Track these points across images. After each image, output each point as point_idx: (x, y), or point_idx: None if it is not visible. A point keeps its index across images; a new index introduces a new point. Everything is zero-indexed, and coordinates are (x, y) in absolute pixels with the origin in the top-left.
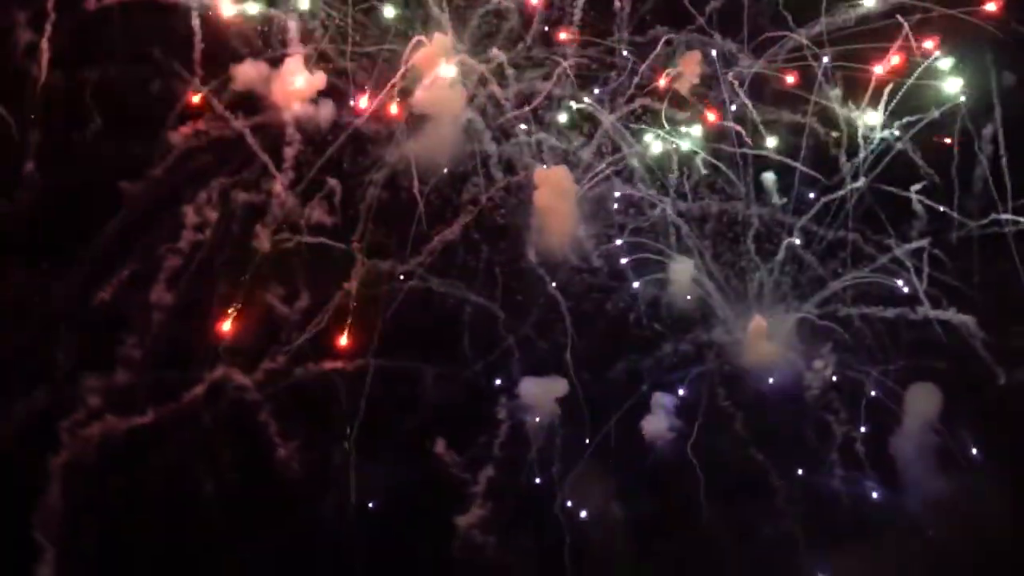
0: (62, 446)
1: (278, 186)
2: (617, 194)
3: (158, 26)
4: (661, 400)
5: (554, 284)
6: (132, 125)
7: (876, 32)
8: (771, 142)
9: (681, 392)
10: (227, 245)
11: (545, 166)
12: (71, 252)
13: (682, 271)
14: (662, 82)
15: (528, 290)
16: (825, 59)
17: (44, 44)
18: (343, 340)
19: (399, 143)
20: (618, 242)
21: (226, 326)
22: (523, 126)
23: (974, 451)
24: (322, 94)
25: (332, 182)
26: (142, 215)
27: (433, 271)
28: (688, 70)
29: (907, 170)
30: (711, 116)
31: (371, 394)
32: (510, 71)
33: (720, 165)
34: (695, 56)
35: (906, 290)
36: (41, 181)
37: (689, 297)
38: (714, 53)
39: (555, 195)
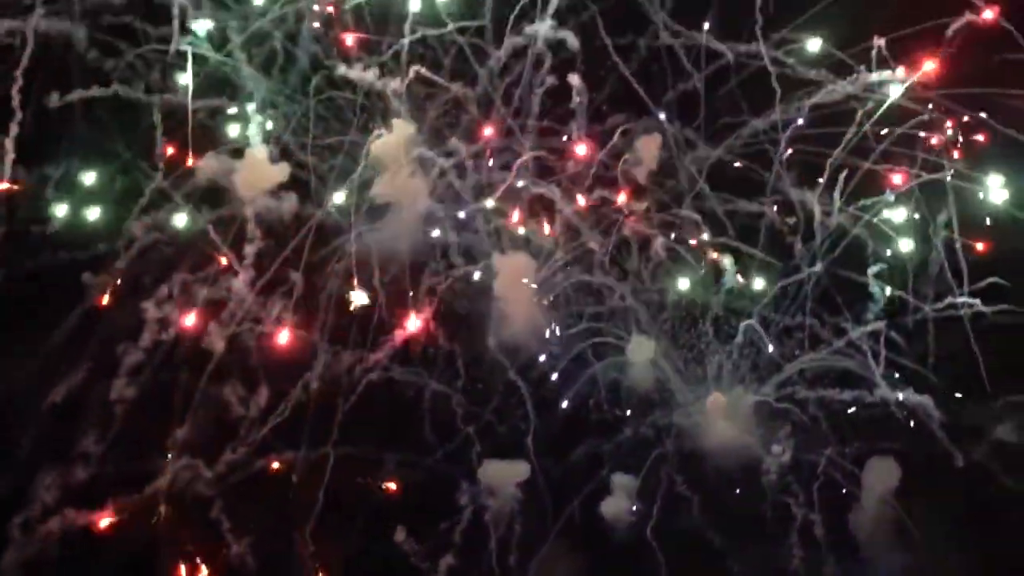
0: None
1: (239, 282)
2: (576, 281)
3: (120, 122)
4: (622, 482)
5: (514, 370)
6: (95, 220)
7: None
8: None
9: (641, 474)
10: (187, 340)
11: (505, 254)
12: (32, 346)
13: (641, 349)
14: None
15: (489, 377)
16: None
17: (8, 143)
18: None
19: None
20: (578, 328)
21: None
22: (482, 216)
23: (932, 530)
24: (284, 187)
25: (294, 275)
26: (103, 309)
27: (394, 360)
28: (646, 155)
29: (863, 253)
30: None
31: (331, 483)
32: (469, 162)
33: (680, 250)
34: (654, 140)
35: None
36: (4, 274)
37: (648, 381)
38: (672, 140)
39: (515, 283)
